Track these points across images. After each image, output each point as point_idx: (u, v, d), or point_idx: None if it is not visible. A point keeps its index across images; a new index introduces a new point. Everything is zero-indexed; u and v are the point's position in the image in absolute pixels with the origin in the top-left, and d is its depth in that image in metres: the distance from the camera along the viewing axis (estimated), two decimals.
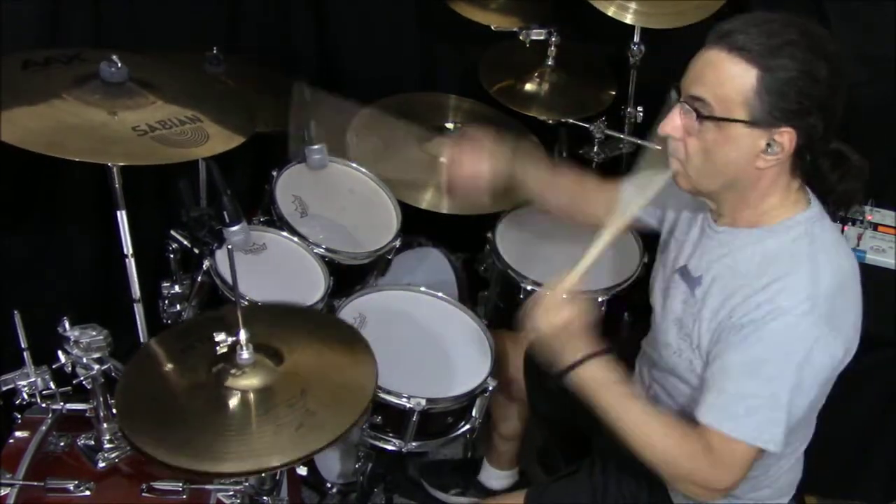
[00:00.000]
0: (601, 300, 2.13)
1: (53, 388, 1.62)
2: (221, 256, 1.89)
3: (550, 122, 2.47)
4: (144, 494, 1.57)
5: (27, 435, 1.66)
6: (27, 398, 1.59)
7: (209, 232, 1.74)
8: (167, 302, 2.01)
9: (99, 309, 2.28)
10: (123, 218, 1.66)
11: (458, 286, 2.43)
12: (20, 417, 1.70)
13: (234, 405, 1.40)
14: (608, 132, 2.47)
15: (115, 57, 1.58)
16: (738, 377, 1.36)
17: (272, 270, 2.00)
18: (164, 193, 2.32)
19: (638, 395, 1.50)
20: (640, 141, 2.45)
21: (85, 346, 1.52)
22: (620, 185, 1.77)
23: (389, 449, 1.90)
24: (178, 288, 2.01)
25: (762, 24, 1.32)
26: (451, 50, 2.78)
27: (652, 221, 1.73)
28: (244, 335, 1.44)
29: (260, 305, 1.82)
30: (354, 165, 2.30)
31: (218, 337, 1.44)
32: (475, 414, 1.95)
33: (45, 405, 1.65)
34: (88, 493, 1.56)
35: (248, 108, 1.80)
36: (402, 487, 2.28)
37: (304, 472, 1.84)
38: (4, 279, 2.07)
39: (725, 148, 1.36)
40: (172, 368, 1.48)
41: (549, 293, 1.51)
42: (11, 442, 1.66)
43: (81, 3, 2.05)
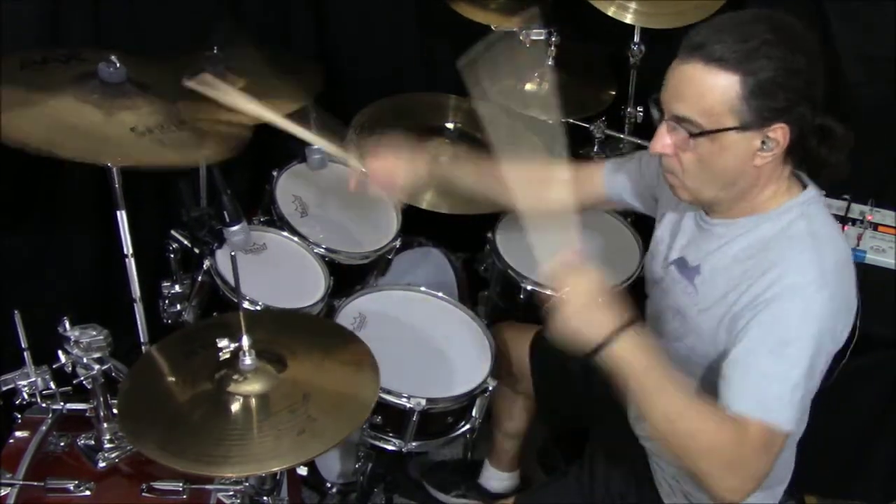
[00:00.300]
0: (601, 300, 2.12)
1: (53, 388, 1.62)
2: (222, 256, 1.89)
3: (550, 122, 2.47)
4: (144, 494, 1.57)
5: (27, 435, 1.67)
6: (27, 398, 1.60)
7: (209, 232, 1.74)
8: (167, 302, 2.01)
9: (99, 309, 2.28)
10: (123, 218, 1.66)
11: (458, 286, 2.43)
12: (20, 417, 1.70)
13: (235, 411, 1.40)
14: (608, 132, 2.47)
15: (113, 57, 1.58)
16: (762, 361, 1.32)
17: (272, 270, 2.01)
18: (164, 193, 2.32)
19: (674, 376, 1.35)
20: (639, 141, 2.46)
21: (85, 346, 1.53)
22: (599, 167, 1.79)
23: (389, 449, 1.90)
24: (178, 288, 2.01)
25: (732, 28, 1.33)
26: (451, 50, 2.78)
27: (638, 205, 1.75)
28: (247, 341, 1.44)
29: (263, 311, 1.82)
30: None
31: (221, 343, 1.44)
32: (475, 414, 1.95)
33: (45, 405, 1.65)
34: (88, 493, 1.56)
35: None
36: (402, 487, 2.28)
37: (304, 472, 1.84)
38: (4, 279, 2.07)
39: (722, 156, 1.36)
40: (175, 374, 1.48)
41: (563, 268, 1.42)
42: (11, 442, 1.66)
43: (81, 3, 2.05)
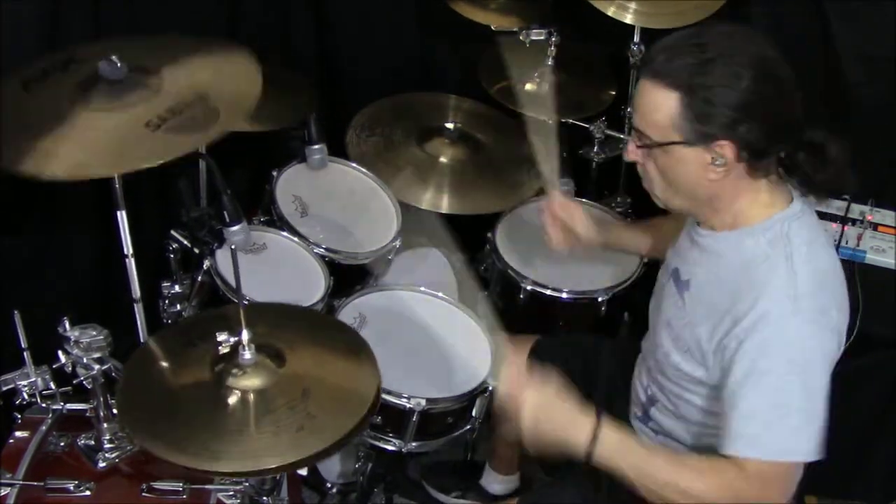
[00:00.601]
0: (601, 300, 2.13)
1: (53, 388, 1.62)
2: (222, 256, 1.89)
3: (550, 122, 2.47)
4: (144, 494, 1.57)
5: (27, 435, 1.66)
6: (27, 398, 1.60)
7: (209, 232, 1.74)
8: (167, 302, 2.01)
9: (99, 309, 2.28)
10: (123, 218, 1.65)
11: (458, 286, 2.42)
12: (20, 417, 1.70)
13: (234, 405, 1.40)
14: (608, 132, 2.47)
15: (114, 57, 1.57)
16: (746, 396, 1.35)
17: (272, 270, 2.01)
18: (164, 193, 2.31)
19: (656, 448, 1.50)
20: None
21: (85, 346, 1.52)
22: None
23: (389, 449, 1.90)
24: (178, 288, 2.01)
25: (680, 45, 1.36)
26: (451, 50, 2.78)
27: None
28: (246, 335, 1.44)
29: (264, 306, 1.82)
30: (354, 165, 2.30)
31: (220, 336, 1.44)
32: (475, 414, 1.95)
33: (45, 405, 1.65)
34: (88, 493, 1.56)
35: (252, 70, 1.70)
36: (402, 487, 2.28)
37: (304, 472, 1.84)
38: (4, 279, 2.07)
39: (676, 168, 1.41)
40: (173, 366, 1.48)
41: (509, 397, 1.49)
42: (11, 442, 1.66)
43: (81, 3, 2.05)
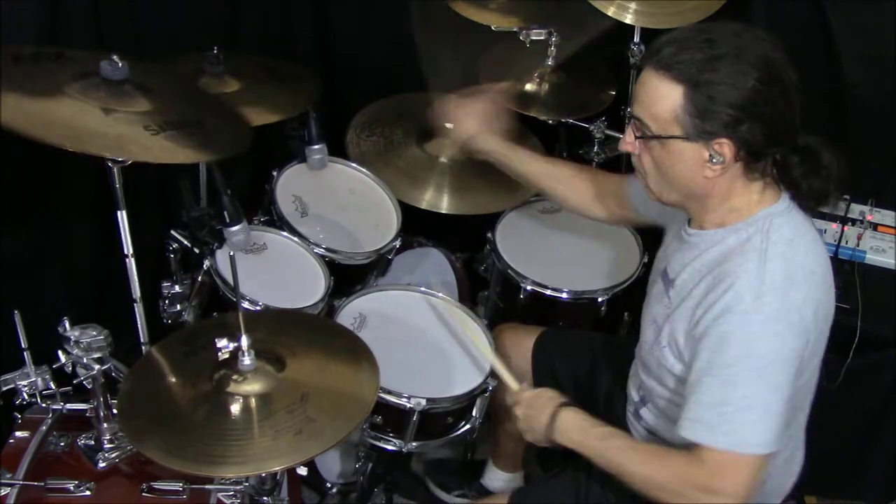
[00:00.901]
0: (601, 300, 2.13)
1: (53, 388, 1.62)
2: (222, 256, 1.89)
3: (550, 122, 2.47)
4: (144, 494, 1.57)
5: (27, 435, 1.66)
6: (27, 398, 1.60)
7: (209, 232, 1.74)
8: (167, 302, 2.01)
9: (99, 309, 2.28)
10: (123, 218, 1.65)
11: (458, 286, 2.43)
12: (20, 417, 1.70)
13: (234, 410, 1.41)
14: (608, 132, 2.47)
15: (115, 57, 1.58)
16: (707, 386, 1.37)
17: (272, 270, 2.00)
18: (164, 193, 2.31)
19: (614, 432, 1.54)
20: None
21: (85, 346, 1.52)
22: (624, 180, 1.83)
23: (389, 449, 1.90)
24: (178, 288, 2.01)
25: (690, 39, 1.35)
26: (451, 50, 2.78)
27: (653, 215, 1.76)
28: (246, 341, 1.44)
29: (263, 312, 1.82)
30: (354, 165, 2.31)
31: (220, 343, 1.44)
32: (475, 414, 1.95)
33: (45, 405, 1.65)
34: (88, 493, 1.56)
35: (243, 120, 1.79)
36: (402, 487, 2.28)
37: (304, 472, 1.84)
38: (4, 279, 2.07)
39: (672, 162, 1.40)
40: (175, 374, 1.49)
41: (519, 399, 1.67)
42: (11, 442, 1.66)
43: (81, 3, 2.05)
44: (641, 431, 1.66)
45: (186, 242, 1.93)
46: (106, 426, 1.63)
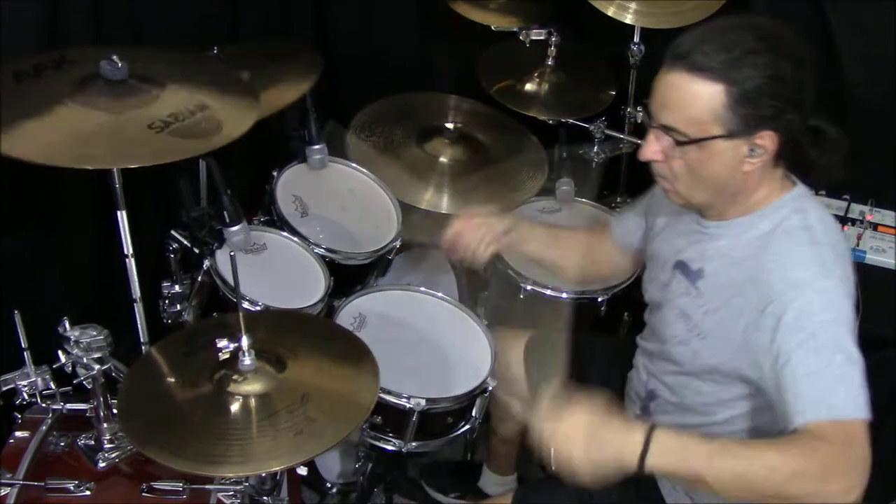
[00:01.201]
0: (601, 300, 2.13)
1: (53, 388, 1.62)
2: (222, 256, 1.89)
3: (550, 122, 2.47)
4: (144, 494, 1.57)
5: (27, 435, 1.66)
6: (27, 398, 1.59)
7: (209, 232, 1.75)
8: (167, 302, 2.01)
9: (99, 309, 2.28)
10: (123, 218, 1.65)
11: (458, 286, 2.43)
12: (20, 417, 1.70)
13: (234, 411, 1.41)
14: (608, 132, 2.47)
15: (114, 57, 1.57)
16: (801, 363, 1.29)
17: (272, 270, 2.01)
18: (164, 193, 2.31)
19: (720, 439, 1.30)
20: (639, 141, 2.45)
21: (85, 346, 1.52)
22: (609, 229, 1.88)
23: (389, 449, 1.90)
24: (178, 288, 2.00)
25: (717, 36, 1.33)
26: (451, 50, 2.78)
27: (636, 241, 1.79)
28: (246, 341, 1.44)
29: (263, 312, 1.82)
30: (354, 165, 2.31)
31: (220, 342, 1.44)
32: (475, 414, 1.95)
33: (45, 405, 1.65)
34: (88, 493, 1.56)
35: (250, 86, 1.74)
36: (402, 488, 2.28)
37: (304, 471, 1.84)
38: (4, 279, 2.07)
39: (710, 163, 1.38)
40: (174, 374, 1.48)
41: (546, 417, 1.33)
42: (11, 442, 1.66)
43: (81, 3, 2.05)
44: None
45: (186, 242, 1.93)
46: (106, 426, 1.63)
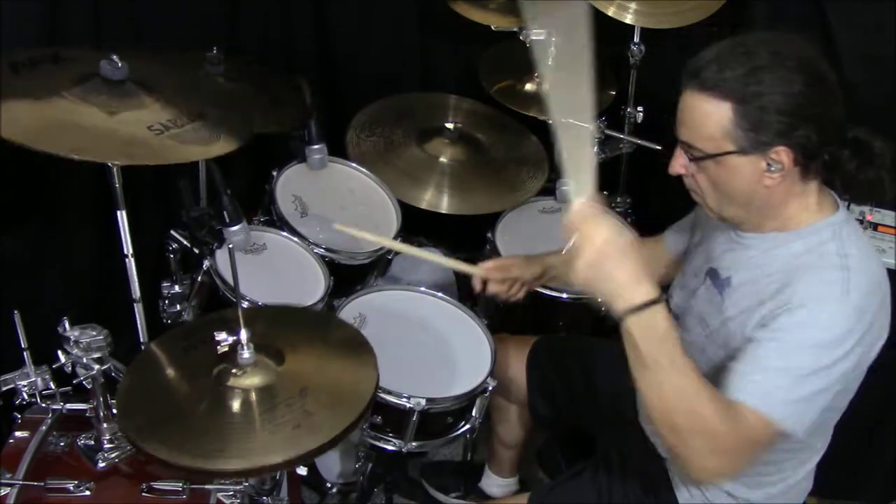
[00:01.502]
0: (601, 300, 2.12)
1: (53, 388, 1.62)
2: (221, 256, 1.89)
3: (550, 122, 2.47)
4: (144, 494, 1.57)
5: (27, 435, 1.66)
6: (27, 398, 1.59)
7: (209, 232, 1.75)
8: (167, 302, 2.01)
9: (99, 309, 2.28)
10: (123, 218, 1.65)
11: (458, 286, 2.43)
12: (20, 417, 1.70)
13: (233, 404, 1.41)
14: (608, 132, 2.47)
15: (114, 57, 1.57)
16: (771, 356, 1.32)
17: (272, 270, 2.01)
18: (164, 193, 2.31)
19: (685, 356, 1.33)
20: (639, 141, 2.46)
21: (85, 346, 1.52)
22: (663, 237, 1.86)
23: (389, 449, 1.90)
24: (178, 288, 2.01)
25: (727, 54, 1.34)
26: (451, 50, 2.78)
27: (683, 251, 1.78)
28: (245, 335, 1.44)
29: (262, 306, 1.82)
30: (354, 165, 2.31)
31: (219, 336, 1.44)
32: (475, 414, 1.94)
33: (45, 405, 1.65)
34: (88, 493, 1.56)
35: (246, 111, 1.78)
36: (402, 487, 2.28)
37: (304, 471, 1.84)
38: (4, 279, 2.07)
39: (730, 178, 1.39)
40: (174, 368, 1.48)
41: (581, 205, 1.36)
42: (11, 442, 1.66)
43: (81, 3, 2.05)
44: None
45: (186, 242, 1.94)
46: (106, 426, 1.63)
